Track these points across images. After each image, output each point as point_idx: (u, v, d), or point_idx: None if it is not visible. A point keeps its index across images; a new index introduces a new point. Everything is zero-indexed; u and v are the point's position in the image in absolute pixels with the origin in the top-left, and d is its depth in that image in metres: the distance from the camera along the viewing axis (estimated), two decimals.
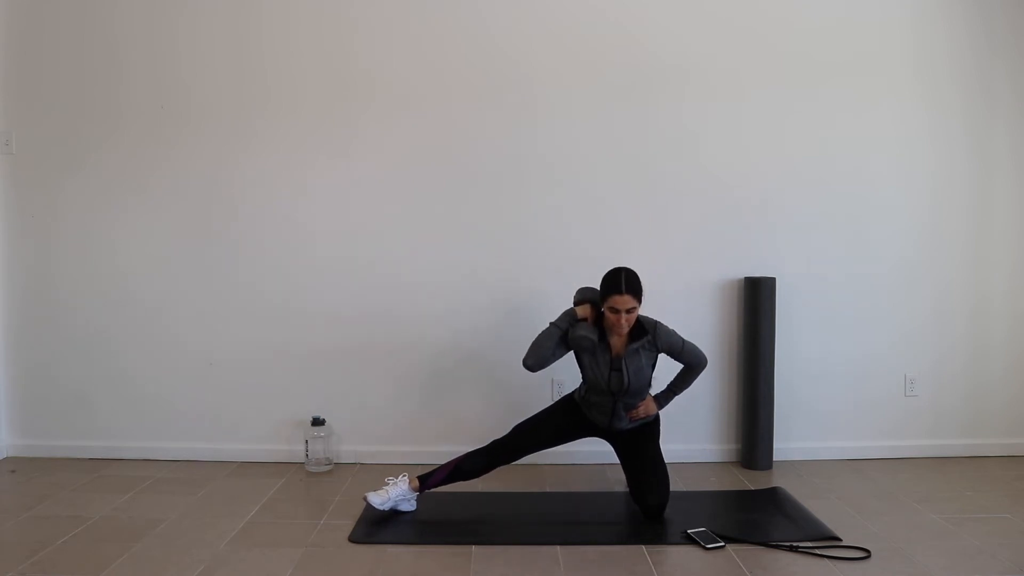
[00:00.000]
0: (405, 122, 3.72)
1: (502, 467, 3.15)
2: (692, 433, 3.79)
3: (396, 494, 3.05)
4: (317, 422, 3.67)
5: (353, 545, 2.81)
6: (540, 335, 3.10)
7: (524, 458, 3.20)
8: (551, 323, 3.11)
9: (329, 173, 3.73)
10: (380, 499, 3.03)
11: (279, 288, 3.76)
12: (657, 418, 3.24)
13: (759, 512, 3.15)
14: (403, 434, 3.78)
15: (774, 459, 3.72)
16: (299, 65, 3.72)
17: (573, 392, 3.27)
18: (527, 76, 3.72)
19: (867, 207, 3.79)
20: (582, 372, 3.17)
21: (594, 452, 3.66)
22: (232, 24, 3.72)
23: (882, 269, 3.81)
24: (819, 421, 3.83)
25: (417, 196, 3.74)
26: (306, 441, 3.67)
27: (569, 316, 3.11)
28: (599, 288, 3.05)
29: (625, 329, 3.01)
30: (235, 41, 3.73)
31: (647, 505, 3.05)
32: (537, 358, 3.08)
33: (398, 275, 3.75)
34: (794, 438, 3.80)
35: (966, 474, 3.60)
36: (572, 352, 3.14)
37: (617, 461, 3.28)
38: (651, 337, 3.07)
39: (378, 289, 3.75)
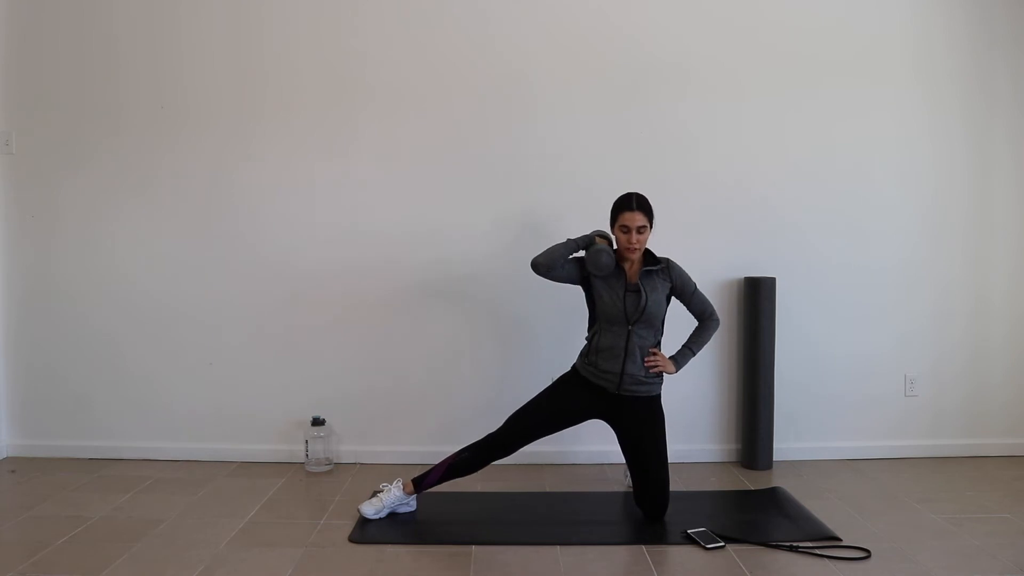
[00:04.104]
0: (405, 122, 3.72)
1: (502, 466, 3.14)
2: (692, 433, 3.79)
3: (390, 501, 3.04)
4: (317, 422, 3.67)
5: (353, 545, 2.81)
6: (556, 244, 3.08)
7: (523, 456, 3.16)
8: (569, 238, 3.10)
9: (329, 173, 3.73)
10: (373, 509, 3.01)
11: (279, 288, 3.76)
12: (661, 412, 3.09)
13: (759, 512, 3.15)
14: (403, 434, 3.78)
15: (774, 459, 3.72)
16: (299, 65, 3.72)
17: (572, 366, 3.18)
18: (527, 76, 3.72)
19: (867, 206, 3.79)
20: (592, 308, 3.10)
21: (594, 452, 3.66)
22: (232, 24, 3.72)
23: (882, 268, 3.81)
24: (819, 421, 3.83)
25: (417, 196, 3.74)
26: (306, 441, 3.67)
27: (587, 237, 3.09)
28: (610, 213, 3.04)
29: (637, 250, 2.98)
30: (235, 41, 3.73)
31: (648, 506, 3.04)
32: (547, 259, 3.04)
33: (398, 274, 3.75)
34: (794, 438, 3.80)
35: (966, 474, 3.60)
36: (583, 291, 3.10)
37: (617, 461, 3.27)
38: (665, 267, 3.06)
39: (378, 289, 3.74)
